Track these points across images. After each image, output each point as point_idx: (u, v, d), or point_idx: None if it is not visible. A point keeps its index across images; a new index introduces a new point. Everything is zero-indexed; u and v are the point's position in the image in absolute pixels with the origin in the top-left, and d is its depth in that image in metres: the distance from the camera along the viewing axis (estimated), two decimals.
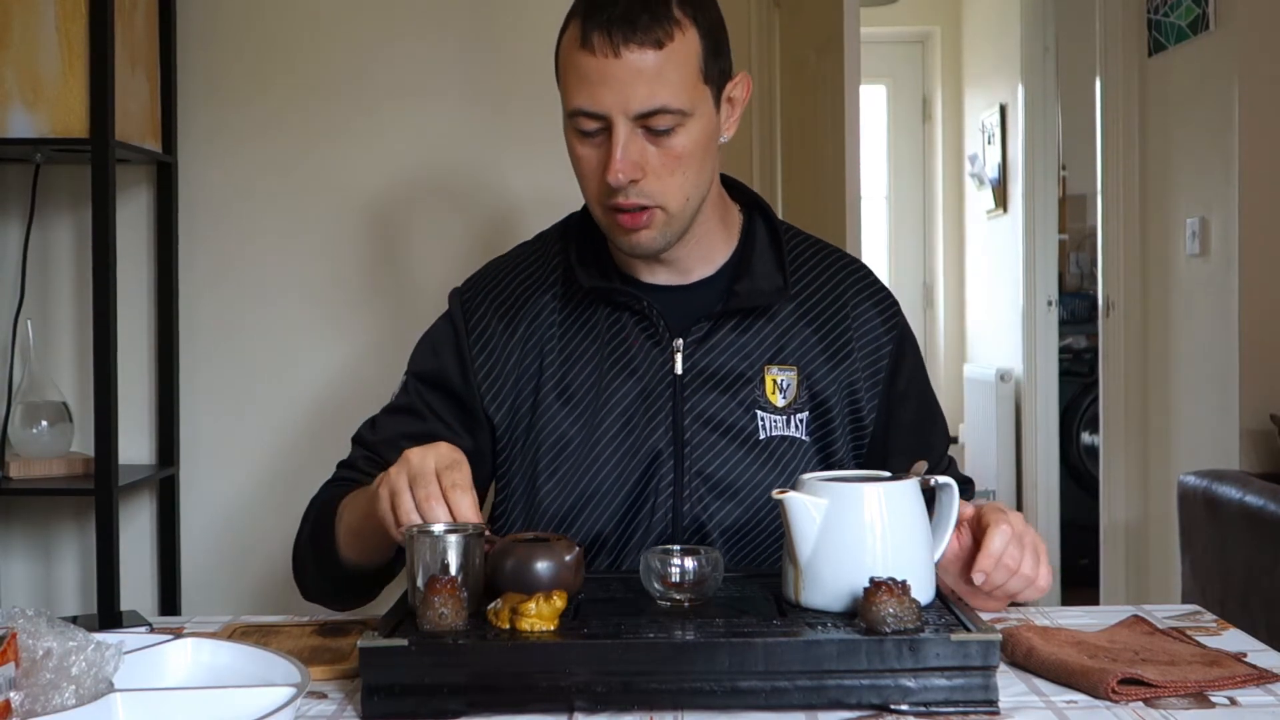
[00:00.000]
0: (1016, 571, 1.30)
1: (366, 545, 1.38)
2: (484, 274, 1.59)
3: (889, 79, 6.16)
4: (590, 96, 1.35)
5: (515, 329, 1.51)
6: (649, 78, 1.33)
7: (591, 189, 1.41)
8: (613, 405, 1.46)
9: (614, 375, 1.47)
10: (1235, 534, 2.69)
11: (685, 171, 1.39)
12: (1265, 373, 3.14)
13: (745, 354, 1.48)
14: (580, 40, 1.35)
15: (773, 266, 1.51)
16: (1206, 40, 3.31)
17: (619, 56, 1.33)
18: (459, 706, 1.06)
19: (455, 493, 1.22)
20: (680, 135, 1.37)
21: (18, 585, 2.44)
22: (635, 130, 1.36)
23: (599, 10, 1.34)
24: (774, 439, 1.47)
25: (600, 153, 1.38)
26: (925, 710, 1.05)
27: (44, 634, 0.98)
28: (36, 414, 2.28)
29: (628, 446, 1.46)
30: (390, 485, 1.24)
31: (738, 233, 1.54)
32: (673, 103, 1.35)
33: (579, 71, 1.35)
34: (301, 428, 2.45)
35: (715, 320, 1.48)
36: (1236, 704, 1.08)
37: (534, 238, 1.61)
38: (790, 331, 1.50)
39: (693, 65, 1.37)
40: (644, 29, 1.33)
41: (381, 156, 2.43)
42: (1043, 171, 4.83)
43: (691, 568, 1.18)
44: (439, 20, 2.43)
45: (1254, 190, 3.15)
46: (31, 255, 2.38)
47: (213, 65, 2.43)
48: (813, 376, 1.49)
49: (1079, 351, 5.01)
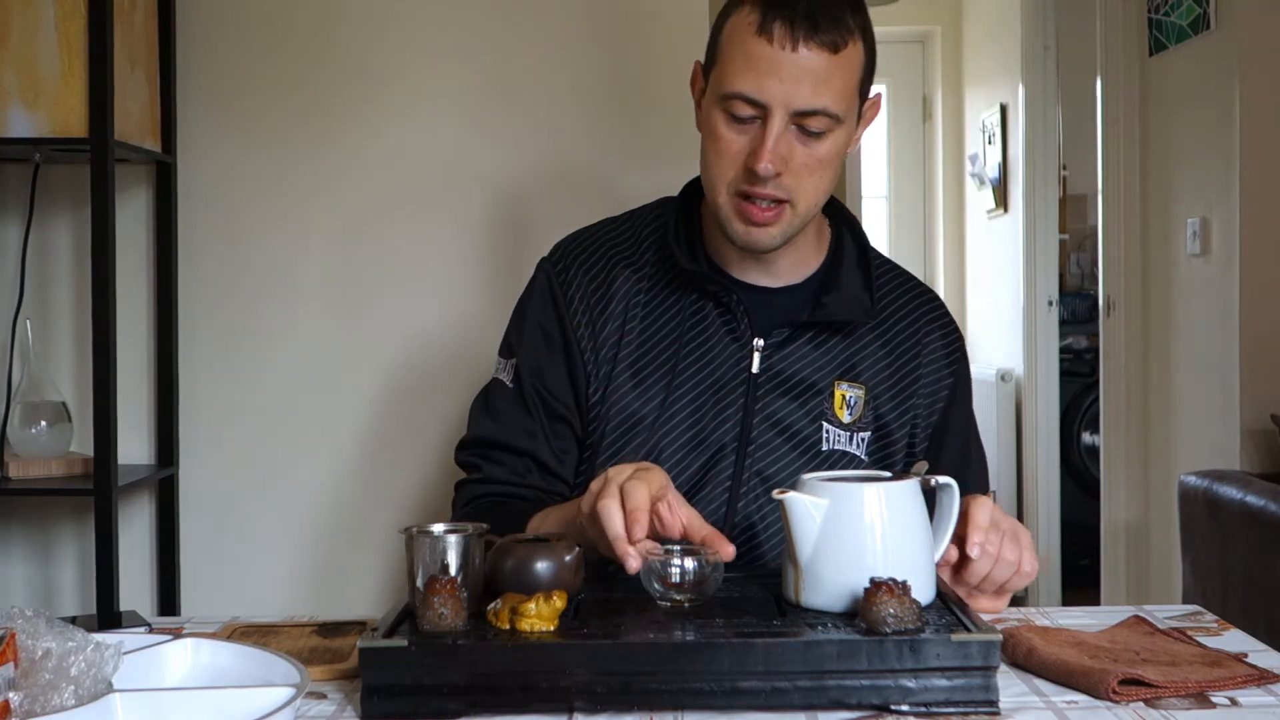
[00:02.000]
0: (999, 558, 1.31)
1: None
2: (573, 241, 1.59)
3: (889, 79, 6.16)
4: (757, 83, 1.36)
5: (604, 297, 1.52)
6: (818, 78, 1.36)
7: (725, 173, 1.42)
8: (685, 391, 1.48)
9: (690, 362, 1.48)
10: (1236, 534, 2.69)
11: (822, 176, 1.42)
12: (1265, 373, 3.14)
13: (819, 365, 1.50)
14: (759, 26, 1.36)
15: (860, 285, 1.53)
16: (1207, 40, 3.31)
17: (795, 51, 1.35)
18: (459, 707, 1.05)
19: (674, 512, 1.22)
20: (828, 140, 1.40)
21: (17, 585, 2.44)
22: (790, 126, 1.38)
23: (783, 3, 1.36)
24: (835, 452, 1.49)
25: (746, 139, 1.39)
26: (925, 710, 1.05)
27: (43, 634, 0.98)
28: (36, 414, 2.28)
29: (693, 435, 1.47)
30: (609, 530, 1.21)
31: (827, 245, 1.57)
32: (832, 107, 1.38)
33: (750, 56, 1.37)
34: (302, 428, 2.45)
35: (797, 327, 1.50)
36: (1237, 704, 1.08)
37: (624, 214, 1.62)
38: (864, 351, 1.52)
39: (855, 76, 1.40)
40: (824, 30, 1.35)
41: (382, 156, 2.43)
42: (1043, 171, 4.83)
43: (692, 568, 1.17)
44: (440, 20, 2.43)
45: (1254, 190, 3.15)
46: (31, 255, 2.37)
47: (213, 65, 2.42)
48: (879, 399, 1.52)
49: (1079, 351, 5.01)
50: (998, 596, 1.37)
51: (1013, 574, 1.33)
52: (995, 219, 5.26)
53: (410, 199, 2.43)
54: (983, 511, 1.31)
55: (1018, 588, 1.36)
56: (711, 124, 1.42)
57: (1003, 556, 1.31)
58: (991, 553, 1.31)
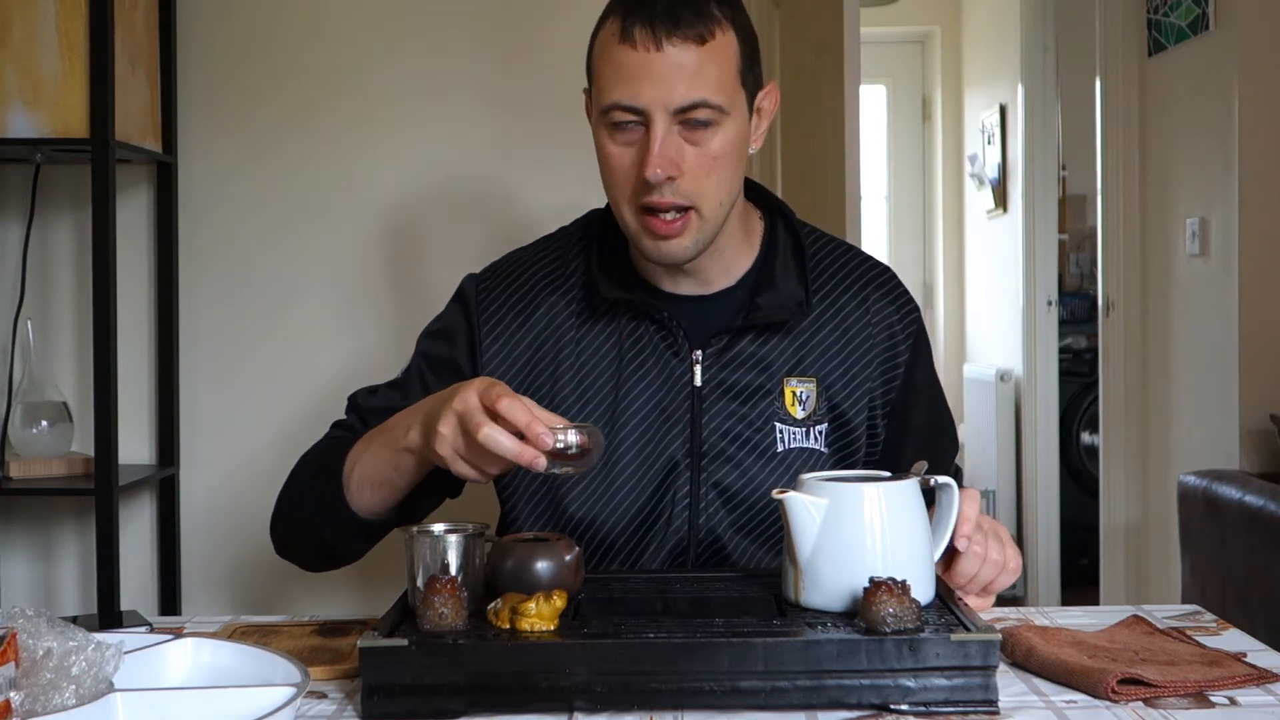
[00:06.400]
0: (985, 557, 1.31)
1: (382, 489, 1.37)
2: (502, 265, 1.57)
3: (889, 79, 6.16)
4: (630, 90, 1.34)
5: (530, 325, 1.50)
6: (690, 73, 1.33)
7: (623, 190, 1.39)
8: (631, 414, 1.46)
9: (633, 384, 1.46)
10: (1235, 534, 2.69)
11: (720, 174, 1.38)
12: (1265, 373, 3.14)
13: (764, 366, 1.47)
14: (620, 34, 1.34)
15: (794, 279, 1.49)
16: (1206, 40, 3.31)
17: (661, 50, 1.33)
18: (459, 706, 1.06)
19: (504, 403, 1.19)
20: (717, 135, 1.36)
21: (18, 585, 2.44)
22: (673, 127, 1.35)
23: (640, 6, 1.34)
24: (792, 451, 1.47)
25: (634, 151, 1.36)
26: (925, 710, 1.05)
27: (44, 634, 0.98)
28: (36, 414, 2.28)
29: (645, 456, 1.45)
30: (436, 424, 1.23)
31: (759, 241, 1.53)
32: (712, 98, 1.34)
33: (618, 66, 1.35)
34: (302, 428, 2.45)
35: (735, 333, 1.47)
36: (1236, 704, 1.08)
37: (555, 232, 1.59)
38: (810, 343, 1.49)
39: (731, 65, 1.37)
40: (687, 24, 1.33)
41: (383, 157, 2.43)
42: (1042, 171, 4.83)
43: (575, 440, 1.19)
44: (441, 21, 2.43)
45: (1254, 190, 3.15)
46: (31, 255, 2.38)
47: (213, 65, 2.42)
48: (832, 388, 1.49)
49: (1079, 351, 5.01)
50: (982, 596, 1.36)
51: (999, 572, 1.33)
52: (994, 219, 5.26)
53: (411, 199, 2.43)
54: (970, 504, 1.30)
55: (1005, 586, 1.35)
56: (600, 143, 1.40)
57: (989, 556, 1.32)
58: (978, 552, 1.31)
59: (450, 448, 1.24)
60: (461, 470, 1.25)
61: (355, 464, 1.39)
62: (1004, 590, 1.37)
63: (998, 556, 1.32)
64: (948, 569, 1.32)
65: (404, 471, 1.35)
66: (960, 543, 1.29)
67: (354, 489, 1.39)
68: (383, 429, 1.39)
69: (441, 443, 1.24)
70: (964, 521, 1.29)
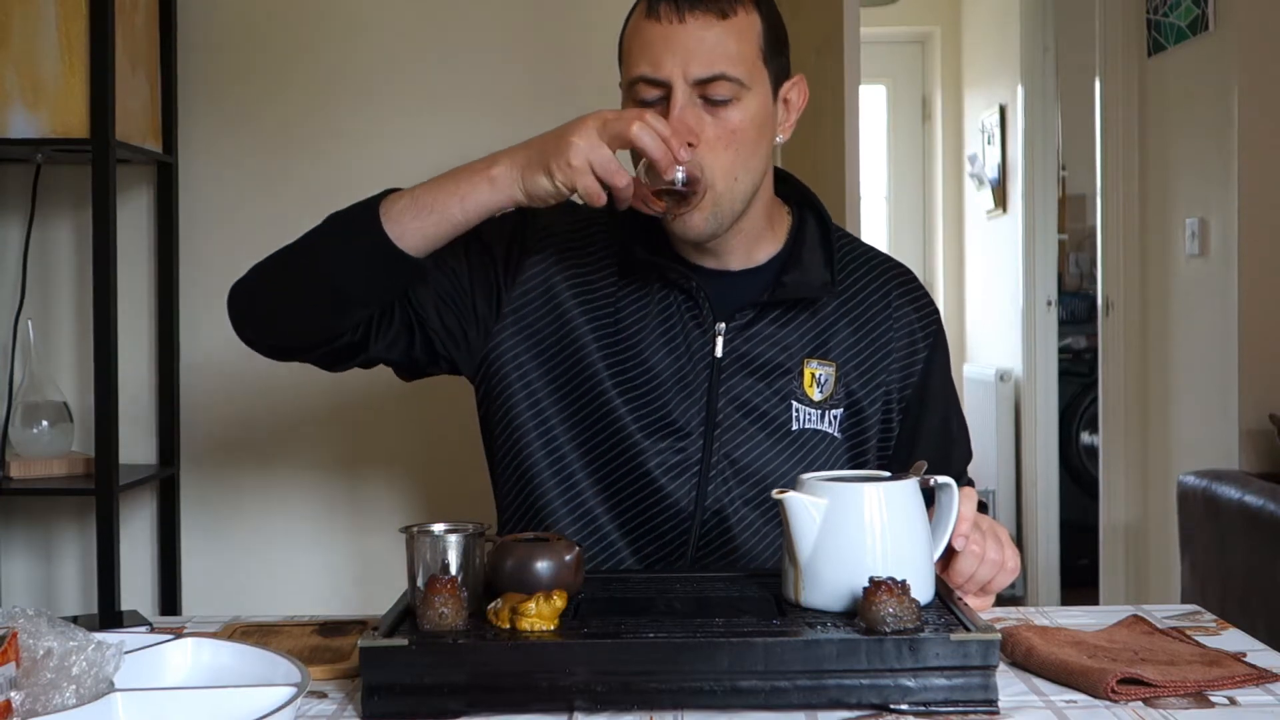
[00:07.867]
0: (983, 556, 1.31)
1: (433, 215, 1.37)
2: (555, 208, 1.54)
3: (889, 79, 6.16)
4: (652, 62, 1.38)
5: (572, 256, 1.51)
6: (710, 44, 1.37)
7: None
8: (650, 378, 1.47)
9: (655, 349, 1.48)
10: (1235, 534, 2.69)
11: (738, 150, 1.40)
12: (1265, 373, 3.14)
13: (785, 345, 1.49)
14: (646, 10, 1.39)
15: (821, 263, 1.52)
16: (1206, 40, 3.31)
17: (683, 22, 1.37)
18: (459, 706, 1.06)
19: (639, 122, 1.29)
20: (736, 109, 1.39)
21: (18, 585, 2.44)
22: (694, 98, 1.38)
23: None
24: (806, 431, 1.48)
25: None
26: (925, 710, 1.05)
27: (44, 634, 0.98)
28: (37, 414, 2.28)
29: (658, 420, 1.46)
30: (569, 136, 1.30)
31: (784, 235, 1.55)
32: (731, 71, 1.38)
33: (643, 41, 1.39)
34: (302, 428, 2.45)
35: (760, 309, 1.49)
36: (1236, 704, 1.08)
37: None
38: (832, 329, 1.51)
39: (753, 43, 1.41)
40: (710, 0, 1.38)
41: (383, 157, 2.43)
42: (1042, 171, 4.83)
43: (682, 177, 1.31)
44: (441, 21, 2.43)
45: (1254, 190, 3.15)
46: (32, 255, 2.38)
47: (213, 65, 2.43)
48: (849, 376, 1.51)
49: (1079, 351, 5.01)
50: (981, 595, 1.36)
51: (997, 571, 1.33)
52: (994, 219, 5.26)
53: None
54: (968, 503, 1.31)
55: (1003, 585, 1.35)
56: None
57: (987, 555, 1.32)
58: (976, 551, 1.31)
59: (584, 157, 1.29)
60: (586, 184, 1.30)
61: (406, 195, 1.40)
62: (1003, 590, 1.37)
63: (996, 556, 1.32)
64: (946, 568, 1.32)
65: (468, 205, 1.36)
66: (958, 542, 1.29)
67: (395, 216, 1.39)
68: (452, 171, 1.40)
69: (576, 152, 1.29)
70: (962, 521, 1.29)
